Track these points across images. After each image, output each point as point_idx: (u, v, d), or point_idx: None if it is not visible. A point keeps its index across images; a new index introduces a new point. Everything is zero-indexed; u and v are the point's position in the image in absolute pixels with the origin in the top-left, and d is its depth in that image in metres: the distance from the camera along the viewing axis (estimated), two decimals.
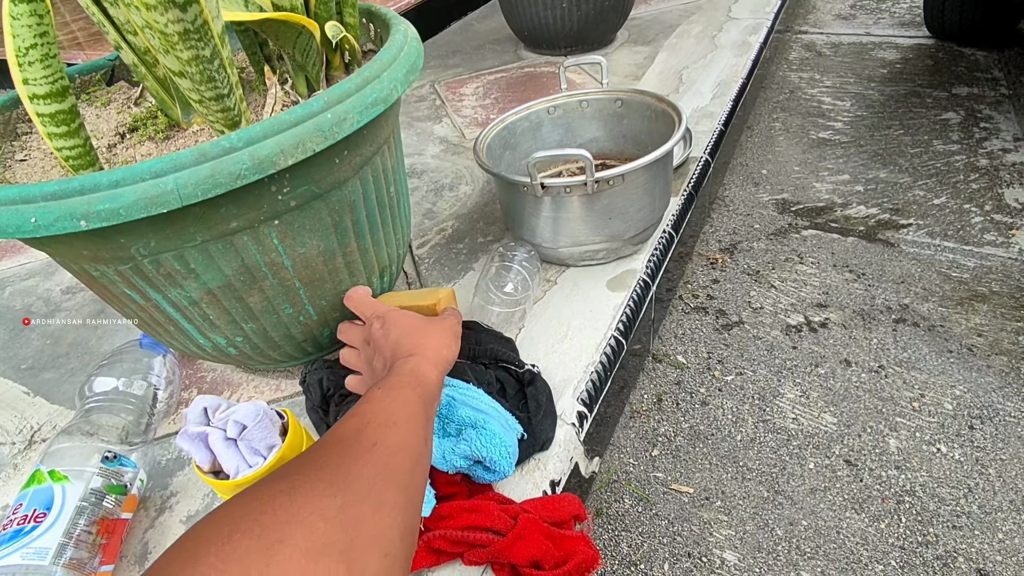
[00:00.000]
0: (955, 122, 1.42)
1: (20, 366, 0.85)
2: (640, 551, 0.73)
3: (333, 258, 0.62)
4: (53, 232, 0.45)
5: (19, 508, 0.53)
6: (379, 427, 0.38)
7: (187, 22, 0.44)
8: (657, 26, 1.70)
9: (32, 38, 0.41)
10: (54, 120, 0.47)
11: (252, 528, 0.27)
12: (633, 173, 0.71)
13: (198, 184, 0.46)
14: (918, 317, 0.97)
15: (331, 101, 0.51)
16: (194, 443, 0.42)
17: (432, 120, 1.37)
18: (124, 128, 0.65)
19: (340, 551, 0.28)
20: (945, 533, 0.71)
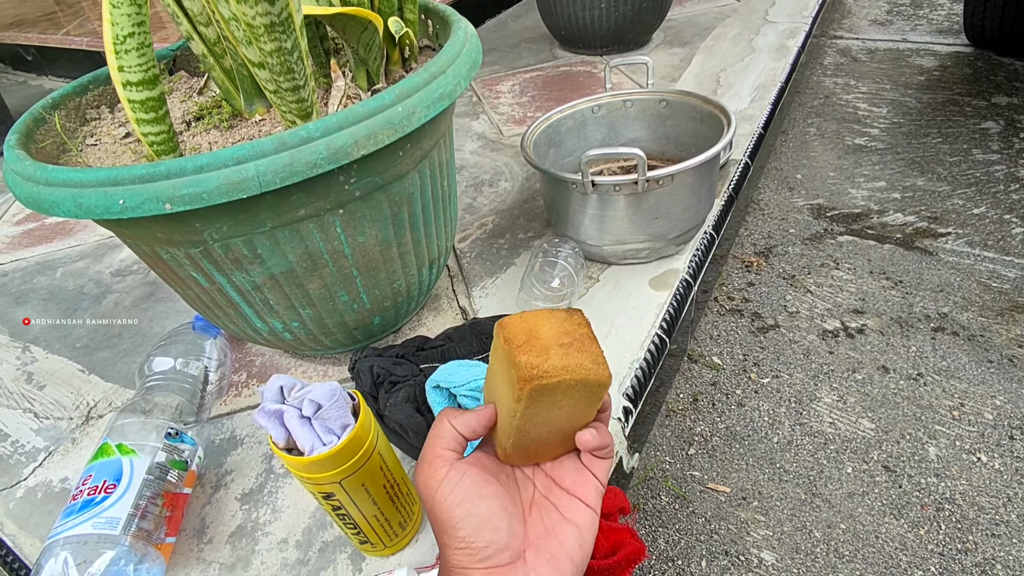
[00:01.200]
0: (995, 132, 1.41)
1: (75, 345, 0.88)
2: (677, 547, 0.74)
3: (389, 248, 0.64)
4: (139, 214, 0.47)
5: (88, 479, 0.56)
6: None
7: (274, 15, 0.46)
8: (693, 28, 1.70)
9: (130, 27, 0.43)
10: (144, 107, 0.48)
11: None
12: (682, 174, 0.72)
13: (277, 171, 0.47)
14: (957, 326, 0.96)
15: (401, 95, 0.52)
16: (270, 420, 0.44)
17: (470, 116, 1.38)
18: (190, 116, 0.67)
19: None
20: (984, 541, 0.71)
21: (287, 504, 0.62)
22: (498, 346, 0.33)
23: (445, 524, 0.33)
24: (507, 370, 0.32)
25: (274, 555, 0.58)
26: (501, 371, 0.33)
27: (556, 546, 0.34)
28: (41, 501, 0.67)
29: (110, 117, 0.70)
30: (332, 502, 0.47)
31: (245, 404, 0.74)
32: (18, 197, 0.52)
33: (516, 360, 0.31)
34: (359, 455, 0.44)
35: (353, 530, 0.51)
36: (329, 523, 0.60)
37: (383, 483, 0.49)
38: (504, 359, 0.32)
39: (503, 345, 0.32)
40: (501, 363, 0.33)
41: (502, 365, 0.33)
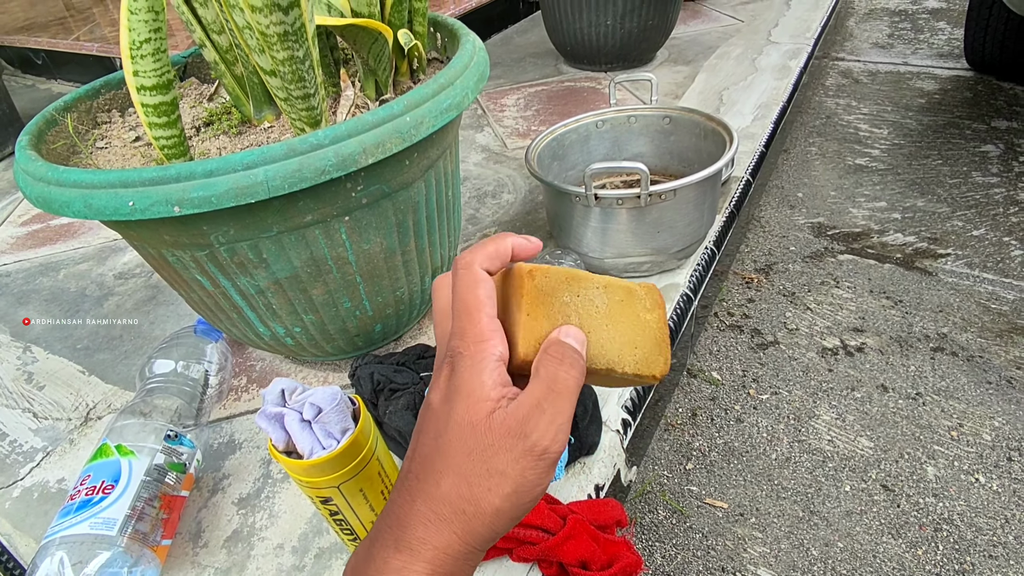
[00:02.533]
0: (994, 155, 1.42)
1: (76, 346, 0.88)
2: (674, 562, 0.74)
3: (393, 256, 0.64)
4: (148, 216, 0.47)
5: (86, 480, 0.55)
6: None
7: (287, 24, 0.46)
8: (696, 47, 1.72)
9: (147, 32, 0.44)
10: (157, 111, 0.49)
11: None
12: (685, 189, 0.73)
13: (286, 177, 0.48)
14: (956, 347, 0.96)
15: (410, 105, 0.53)
16: (271, 423, 0.44)
17: (474, 129, 1.40)
18: (200, 122, 0.68)
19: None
20: (982, 563, 0.71)
21: (284, 509, 0.62)
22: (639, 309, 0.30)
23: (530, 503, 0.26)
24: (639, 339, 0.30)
25: (270, 560, 0.58)
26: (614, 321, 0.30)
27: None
28: (37, 501, 0.67)
29: (121, 121, 0.71)
30: (330, 507, 0.47)
31: (245, 408, 0.75)
32: (28, 197, 0.53)
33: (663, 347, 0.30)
34: (358, 459, 0.45)
35: (350, 536, 0.51)
36: (326, 529, 0.60)
37: (381, 488, 0.49)
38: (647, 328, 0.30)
39: (656, 318, 0.30)
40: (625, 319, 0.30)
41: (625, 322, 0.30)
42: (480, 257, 0.28)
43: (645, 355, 0.29)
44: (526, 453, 0.25)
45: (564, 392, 0.26)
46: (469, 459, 0.26)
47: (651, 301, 0.30)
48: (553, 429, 0.26)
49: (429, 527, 0.26)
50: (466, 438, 0.26)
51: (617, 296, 0.30)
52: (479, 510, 0.26)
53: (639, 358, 0.29)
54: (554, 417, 0.26)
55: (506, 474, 0.25)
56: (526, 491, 0.26)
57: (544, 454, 0.25)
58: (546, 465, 0.26)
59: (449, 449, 0.27)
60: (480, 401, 0.26)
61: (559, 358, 0.27)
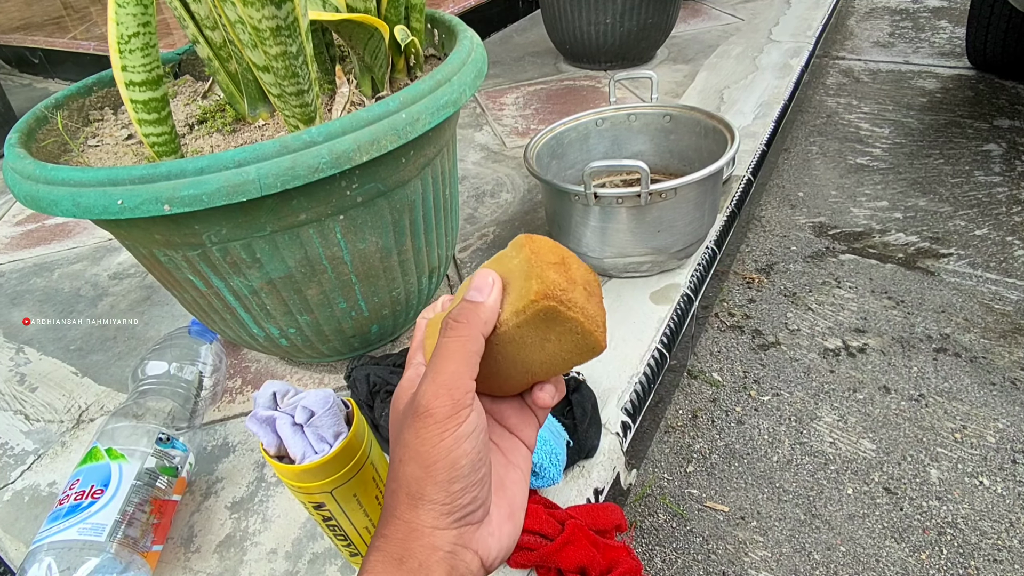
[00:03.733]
0: (997, 154, 1.41)
1: (69, 347, 0.87)
2: (674, 567, 0.73)
3: (389, 256, 0.63)
4: (137, 215, 0.46)
5: (75, 484, 0.54)
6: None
7: (280, 19, 0.45)
8: (697, 45, 1.71)
9: (135, 27, 0.43)
10: (146, 107, 0.48)
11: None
12: (685, 188, 0.72)
13: (278, 175, 0.47)
14: (959, 348, 0.95)
15: (406, 101, 0.52)
16: (262, 426, 0.43)
17: (473, 128, 1.39)
18: (193, 119, 0.67)
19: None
20: (986, 567, 0.70)
21: (278, 513, 0.61)
22: (514, 256, 0.30)
23: (441, 477, 0.27)
24: (521, 281, 0.29)
25: (262, 566, 0.57)
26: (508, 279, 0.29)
27: (510, 498, 0.31)
28: (28, 505, 0.66)
29: (113, 118, 0.70)
30: (322, 512, 0.46)
31: (239, 411, 0.74)
32: (17, 195, 0.52)
33: (543, 273, 0.28)
34: (351, 464, 0.44)
35: (343, 542, 0.50)
36: (319, 534, 0.59)
37: (375, 494, 0.48)
38: (522, 269, 0.29)
39: (528, 255, 0.29)
40: (512, 272, 0.29)
41: (514, 274, 0.29)
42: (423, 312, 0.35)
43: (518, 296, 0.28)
44: (415, 415, 0.27)
45: (443, 353, 0.28)
46: (393, 444, 0.30)
47: (518, 244, 0.30)
48: (432, 388, 0.27)
49: (382, 520, 0.29)
50: (392, 429, 0.31)
51: (491, 266, 0.31)
52: (401, 483, 0.28)
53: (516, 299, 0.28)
54: (434, 377, 0.27)
55: (407, 441, 0.28)
56: (427, 453, 0.27)
57: (428, 413, 0.27)
58: (434, 424, 0.27)
59: (390, 444, 0.31)
60: (397, 398, 0.32)
61: (443, 327, 0.29)
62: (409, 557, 0.27)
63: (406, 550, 0.27)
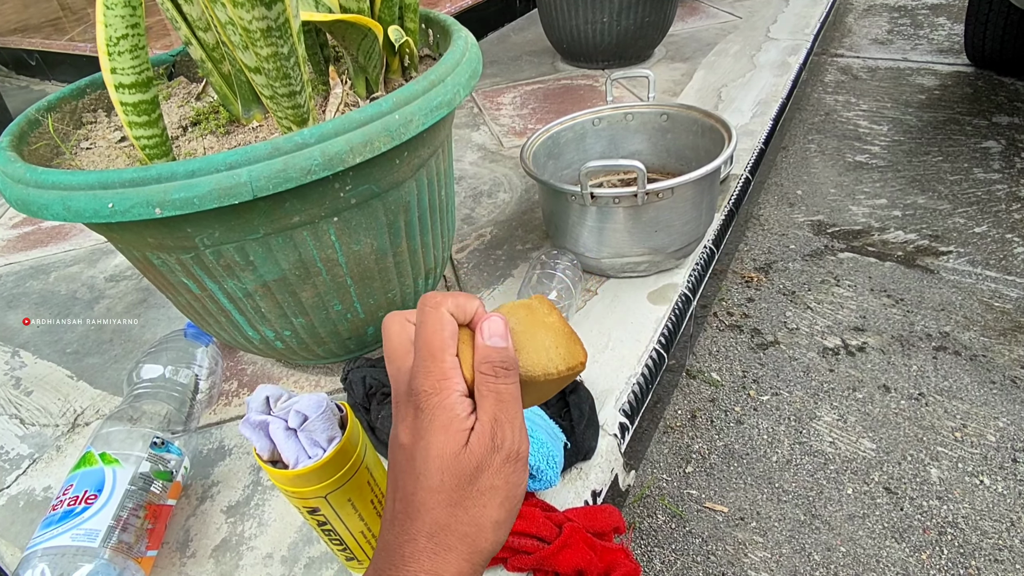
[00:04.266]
0: (996, 151, 1.41)
1: (65, 350, 0.87)
2: (673, 568, 0.72)
3: (384, 257, 0.63)
4: (128, 218, 0.46)
5: (69, 489, 0.54)
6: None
7: (270, 19, 0.45)
8: (694, 44, 1.71)
9: (124, 28, 0.43)
10: (136, 110, 0.48)
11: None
12: (683, 187, 0.71)
13: (270, 177, 0.46)
14: (959, 346, 0.95)
15: (399, 102, 0.52)
16: (255, 431, 0.42)
17: (470, 127, 1.38)
18: (187, 121, 0.67)
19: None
20: (987, 567, 0.69)
21: (274, 518, 0.61)
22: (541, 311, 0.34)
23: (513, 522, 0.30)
24: (558, 339, 0.33)
25: (258, 570, 0.56)
26: (535, 332, 0.33)
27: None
28: (23, 510, 0.65)
29: (106, 121, 0.70)
30: (317, 517, 0.46)
31: (235, 414, 0.73)
32: (8, 199, 0.51)
33: (577, 341, 0.33)
34: (345, 469, 0.43)
35: (339, 546, 0.49)
36: (316, 538, 0.58)
37: (371, 498, 0.47)
38: (556, 329, 0.33)
39: (557, 317, 0.34)
40: (538, 326, 0.33)
41: (541, 329, 0.33)
42: (450, 303, 0.31)
43: (567, 351, 0.33)
44: (505, 462, 0.28)
45: (509, 399, 0.29)
46: (459, 485, 0.28)
47: (547, 307, 0.34)
48: (516, 433, 0.29)
49: (436, 559, 0.28)
50: (451, 468, 0.28)
51: (521, 314, 0.34)
52: (480, 528, 0.28)
53: (563, 355, 0.33)
54: (512, 422, 0.29)
55: (496, 487, 0.28)
56: (514, 495, 0.29)
57: (518, 456, 0.29)
58: (523, 466, 0.29)
59: (436, 484, 0.28)
60: (456, 432, 0.28)
61: (493, 374, 0.29)
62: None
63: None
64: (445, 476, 0.28)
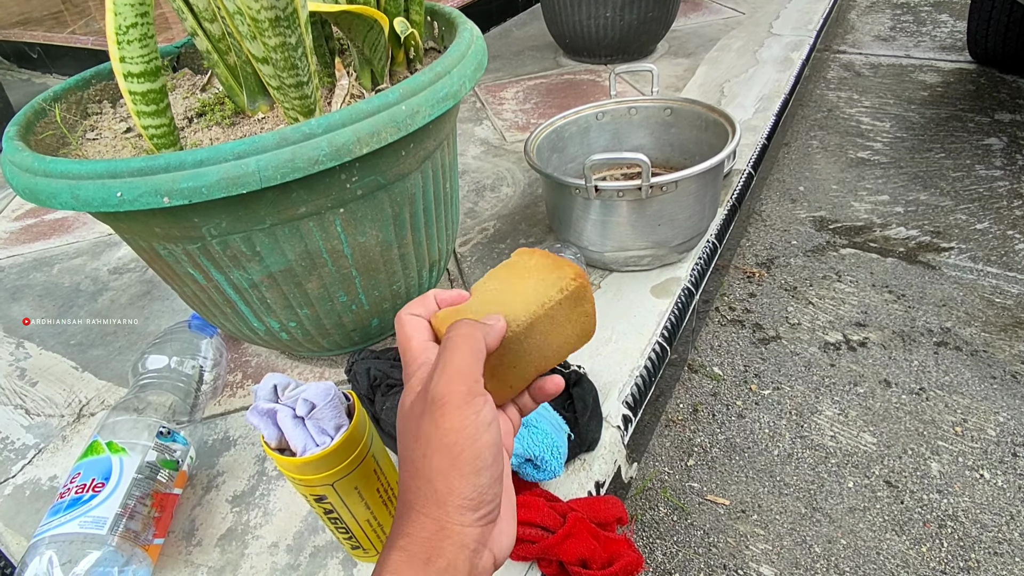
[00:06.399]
0: (998, 148, 1.41)
1: (69, 342, 0.87)
2: (675, 560, 0.73)
3: (390, 249, 0.63)
4: (136, 207, 0.46)
5: (76, 477, 0.54)
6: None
7: (279, 9, 0.45)
8: (697, 39, 1.71)
9: (133, 17, 0.43)
10: (145, 99, 0.48)
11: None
12: (686, 181, 0.71)
13: (278, 167, 0.47)
14: (960, 341, 0.95)
15: (405, 94, 0.52)
16: (263, 419, 0.43)
17: (473, 122, 1.38)
18: (192, 112, 0.67)
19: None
20: (987, 559, 0.70)
21: (279, 507, 0.61)
22: (527, 260, 0.34)
23: (467, 469, 0.27)
24: (548, 272, 0.33)
25: (264, 559, 0.57)
26: (518, 281, 0.33)
27: (510, 496, 0.32)
28: (29, 499, 0.66)
29: (112, 111, 0.70)
30: (324, 505, 0.46)
31: (240, 404, 0.73)
32: (15, 188, 0.51)
33: (563, 264, 0.33)
34: (352, 457, 0.44)
35: (345, 534, 0.50)
36: (321, 527, 0.59)
37: (377, 487, 0.48)
38: (544, 264, 0.33)
39: (541, 255, 0.33)
40: (531, 269, 0.33)
41: (533, 271, 0.33)
42: (405, 309, 0.33)
43: (554, 277, 0.32)
44: (431, 406, 0.27)
45: (451, 345, 0.28)
46: (409, 440, 0.29)
47: (527, 255, 0.34)
48: (444, 378, 0.27)
49: (402, 518, 0.28)
50: (403, 426, 0.30)
51: (501, 274, 0.34)
52: (426, 479, 0.27)
53: (552, 281, 0.32)
54: (444, 367, 0.28)
55: (428, 433, 0.27)
56: (453, 443, 0.27)
57: (442, 401, 0.27)
58: (451, 410, 0.27)
59: (399, 446, 0.30)
60: (408, 394, 0.30)
61: (453, 326, 0.30)
62: (438, 556, 0.26)
63: (434, 549, 0.27)
64: (402, 437, 0.30)
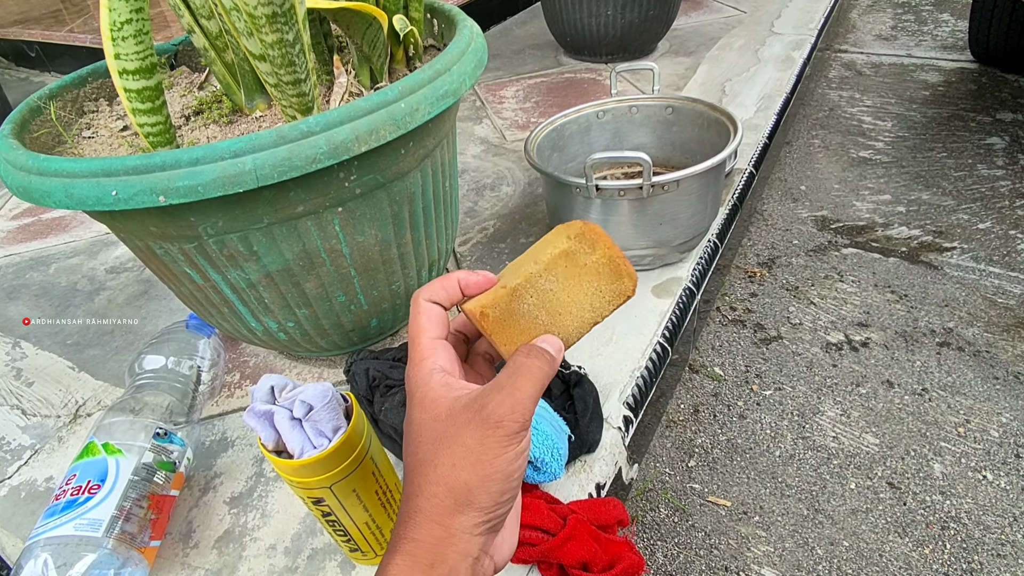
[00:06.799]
0: (1000, 147, 1.40)
1: (66, 341, 0.86)
2: (676, 561, 0.72)
3: (389, 249, 0.62)
4: (132, 206, 0.45)
5: (72, 479, 0.54)
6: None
7: (276, 5, 0.44)
8: (698, 38, 1.70)
9: (128, 13, 0.42)
10: (140, 96, 0.47)
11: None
12: (688, 180, 0.71)
13: (275, 166, 0.46)
14: (963, 341, 0.95)
15: (405, 91, 0.51)
16: (260, 421, 0.42)
17: (472, 121, 1.38)
18: (189, 111, 0.66)
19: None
20: (990, 561, 0.69)
21: (277, 509, 0.60)
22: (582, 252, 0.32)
23: (495, 488, 0.27)
24: (600, 281, 0.32)
25: (262, 561, 0.56)
26: (575, 285, 0.32)
27: (515, 505, 0.32)
28: (25, 500, 0.65)
29: (108, 110, 0.69)
30: (322, 508, 0.45)
31: (237, 405, 0.73)
32: (9, 187, 0.51)
33: (622, 272, 0.32)
34: (351, 459, 0.43)
35: (343, 537, 0.49)
36: (319, 529, 0.58)
37: (375, 489, 0.47)
38: (598, 269, 0.32)
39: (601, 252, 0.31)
40: (579, 275, 0.32)
41: (582, 276, 0.32)
42: (425, 292, 0.31)
43: (612, 289, 0.32)
44: (482, 423, 0.27)
45: (524, 373, 0.28)
46: (435, 446, 0.28)
47: (588, 244, 0.31)
48: (509, 402, 0.27)
49: (409, 522, 0.28)
50: (429, 430, 0.28)
51: (560, 267, 0.31)
52: (449, 488, 0.27)
53: (610, 296, 0.32)
54: (511, 392, 0.27)
55: (467, 446, 0.27)
56: (489, 463, 0.27)
57: (499, 424, 0.26)
58: (504, 435, 0.27)
59: (415, 448, 0.29)
60: (435, 400, 0.28)
61: (526, 351, 0.29)
62: (440, 563, 0.27)
63: (438, 555, 0.27)
64: (422, 440, 0.28)
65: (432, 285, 0.32)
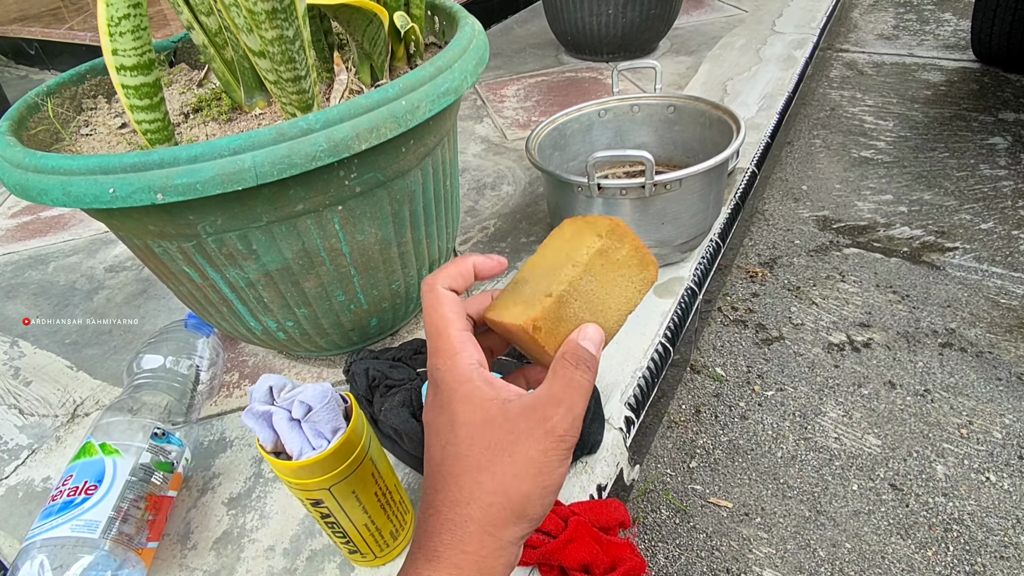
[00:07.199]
0: (1002, 147, 1.40)
1: (64, 341, 0.86)
2: (677, 563, 0.72)
3: (389, 248, 0.62)
4: (129, 204, 0.45)
5: (69, 479, 0.53)
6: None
7: (275, 1, 0.44)
8: (700, 37, 1.69)
9: (126, 8, 0.42)
10: (138, 92, 0.47)
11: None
12: (691, 179, 0.70)
13: (275, 163, 0.46)
14: (965, 342, 0.94)
15: (405, 88, 0.51)
16: (258, 422, 0.42)
17: (473, 120, 1.37)
18: (188, 108, 0.66)
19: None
20: (993, 564, 0.69)
21: (276, 510, 0.60)
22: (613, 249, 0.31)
23: (549, 500, 0.27)
24: (631, 272, 0.32)
25: (260, 563, 0.56)
26: (611, 283, 0.32)
27: None
28: (22, 500, 0.65)
29: (107, 107, 0.69)
30: (321, 509, 0.45)
31: (236, 405, 0.72)
32: (6, 184, 0.50)
33: (648, 262, 0.32)
34: (350, 460, 0.42)
35: (342, 539, 0.49)
36: (318, 531, 0.58)
37: (375, 490, 0.46)
38: (628, 262, 0.32)
39: (629, 247, 0.32)
40: (612, 273, 0.32)
41: (616, 272, 0.32)
42: (441, 278, 0.30)
43: (640, 278, 0.32)
44: (547, 434, 0.26)
45: (579, 389, 0.27)
46: (490, 452, 0.27)
47: (615, 239, 0.32)
48: (570, 418, 0.27)
49: (457, 531, 0.26)
50: (483, 434, 0.27)
51: (597, 266, 0.31)
52: (508, 499, 0.26)
53: (639, 285, 0.32)
54: (570, 408, 0.27)
55: (531, 457, 0.26)
56: (549, 473, 0.26)
57: (563, 438, 0.26)
58: (565, 449, 0.27)
59: (464, 450, 0.27)
60: (485, 400, 0.27)
61: (574, 363, 0.28)
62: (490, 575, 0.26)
63: (487, 568, 0.26)
64: (474, 443, 0.27)
65: (447, 270, 0.30)
